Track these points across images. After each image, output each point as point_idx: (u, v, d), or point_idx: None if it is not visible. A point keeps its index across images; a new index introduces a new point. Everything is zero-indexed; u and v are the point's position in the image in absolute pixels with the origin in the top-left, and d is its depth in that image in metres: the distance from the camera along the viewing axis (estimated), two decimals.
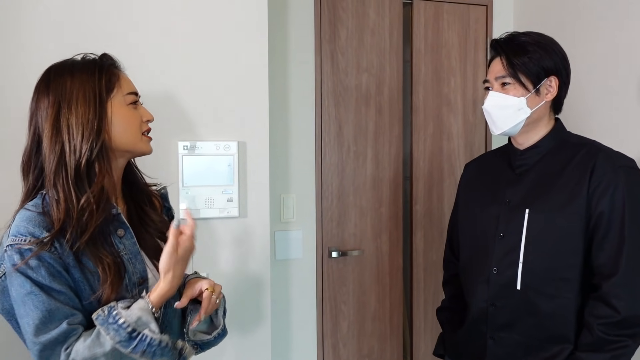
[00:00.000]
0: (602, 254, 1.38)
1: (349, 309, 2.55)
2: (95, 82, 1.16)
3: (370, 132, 2.54)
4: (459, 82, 2.67)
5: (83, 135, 1.12)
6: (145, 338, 1.08)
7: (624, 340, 1.35)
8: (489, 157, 1.75)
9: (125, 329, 1.07)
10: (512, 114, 1.47)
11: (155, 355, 1.10)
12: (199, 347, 1.32)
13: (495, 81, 1.50)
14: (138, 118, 1.24)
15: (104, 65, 1.20)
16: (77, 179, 1.12)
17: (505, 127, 1.49)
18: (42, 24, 1.71)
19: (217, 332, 1.33)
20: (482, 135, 2.73)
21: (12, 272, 1.07)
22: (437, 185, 2.67)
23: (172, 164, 1.85)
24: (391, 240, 2.60)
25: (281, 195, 2.41)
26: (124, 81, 1.23)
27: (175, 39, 1.85)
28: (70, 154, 1.11)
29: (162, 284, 1.15)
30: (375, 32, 2.53)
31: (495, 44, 1.52)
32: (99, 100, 1.15)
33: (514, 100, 1.46)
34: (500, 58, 1.49)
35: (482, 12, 2.70)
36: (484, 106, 1.52)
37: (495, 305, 1.51)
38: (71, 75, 1.15)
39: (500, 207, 1.53)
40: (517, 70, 1.45)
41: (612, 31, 2.09)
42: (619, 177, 1.38)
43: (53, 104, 1.13)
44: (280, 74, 2.38)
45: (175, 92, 1.86)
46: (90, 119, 1.13)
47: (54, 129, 1.12)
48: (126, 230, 1.20)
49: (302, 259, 2.46)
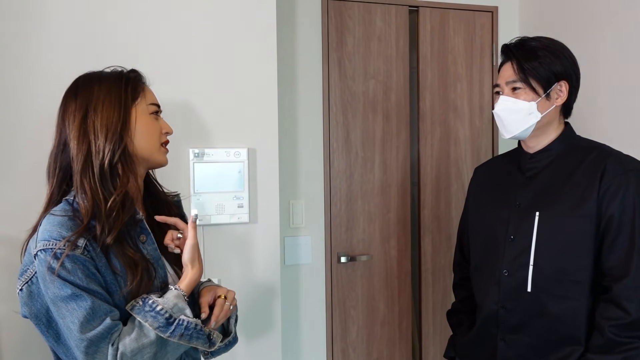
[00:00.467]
0: (613, 257, 1.39)
1: (358, 313, 2.56)
2: (121, 89, 1.22)
3: (378, 138, 2.57)
4: (465, 87, 2.70)
5: (107, 137, 1.18)
6: (182, 322, 1.15)
7: (635, 341, 1.35)
8: (498, 161, 1.77)
9: (163, 315, 1.13)
10: (523, 118, 1.49)
11: (192, 338, 1.16)
12: (209, 354, 1.35)
13: (506, 86, 1.52)
14: (158, 128, 1.29)
15: (130, 77, 1.27)
16: (103, 178, 1.17)
17: (515, 131, 1.51)
18: (58, 38, 1.75)
19: (228, 340, 1.35)
20: (489, 140, 2.74)
21: (47, 275, 1.09)
22: (445, 190, 2.68)
23: (184, 171, 1.88)
24: (399, 245, 2.62)
25: (290, 201, 2.43)
26: (148, 92, 1.30)
27: (188, 49, 1.88)
28: (95, 155, 1.17)
29: (191, 273, 1.23)
30: (381, 39, 2.56)
31: (506, 49, 1.54)
32: (124, 106, 1.21)
33: (525, 104, 1.48)
34: (511, 63, 1.50)
35: (488, 18, 2.73)
36: (495, 110, 1.54)
37: (505, 308, 1.52)
38: (99, 82, 1.22)
39: (511, 210, 1.55)
40: (527, 75, 1.47)
41: (618, 34, 2.11)
42: (629, 180, 1.40)
43: (80, 108, 1.19)
44: (289, 81, 2.41)
45: (186, 100, 1.89)
46: (114, 122, 1.19)
47: (81, 130, 1.17)
48: (148, 236, 1.24)
49: (311, 264, 2.48)
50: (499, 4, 2.74)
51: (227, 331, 1.37)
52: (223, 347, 1.34)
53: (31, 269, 1.15)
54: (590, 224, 1.41)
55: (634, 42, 2.04)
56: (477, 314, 1.65)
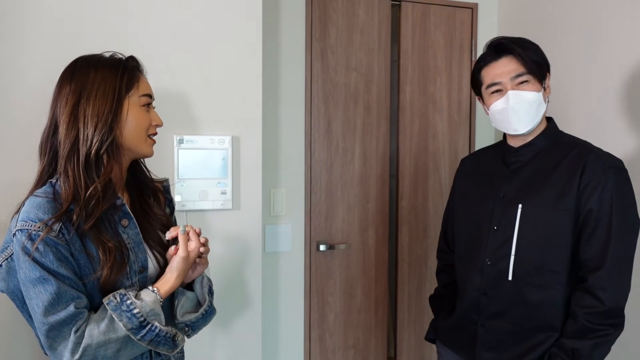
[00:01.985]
0: (589, 249, 1.45)
1: (336, 301, 2.62)
2: (117, 79, 1.22)
3: (359, 129, 2.61)
4: (445, 82, 2.76)
5: (96, 127, 1.18)
6: (154, 328, 1.18)
7: (606, 329, 1.42)
8: (484, 153, 1.81)
9: (138, 318, 1.16)
10: (536, 109, 1.52)
11: (160, 344, 1.20)
12: (189, 329, 1.34)
13: (511, 81, 1.52)
14: (148, 120, 1.29)
15: (127, 66, 1.27)
16: (87, 166, 1.18)
17: (532, 123, 1.53)
18: (43, 19, 1.75)
19: (204, 309, 1.35)
20: (466, 134, 2.81)
21: (21, 256, 1.11)
22: (422, 182, 2.75)
23: (168, 157, 1.90)
24: (377, 235, 2.68)
25: (271, 189, 2.46)
26: (142, 83, 1.30)
27: (173, 36, 1.90)
28: (82, 143, 1.18)
29: (173, 282, 1.26)
30: (364, 31, 2.60)
31: (501, 45, 1.54)
32: (117, 97, 1.22)
33: (536, 95, 1.51)
34: (514, 56, 1.52)
35: (468, 15, 2.79)
36: (509, 105, 1.52)
37: (487, 295, 1.58)
38: (95, 68, 1.22)
39: (495, 201, 1.60)
40: (533, 64, 1.51)
41: (594, 33, 2.18)
42: (607, 177, 1.45)
43: (74, 92, 1.19)
44: (272, 70, 2.43)
45: (171, 87, 1.90)
46: (105, 113, 1.19)
47: (72, 116, 1.18)
48: (130, 220, 1.26)
49: (290, 252, 2.52)
50: (479, 1, 2.80)
51: (200, 303, 1.38)
52: (200, 318, 1.34)
53: (11, 247, 1.17)
54: (570, 218, 1.47)
55: (607, 39, 2.12)
56: (458, 300, 1.71)
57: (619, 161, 1.51)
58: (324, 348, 2.61)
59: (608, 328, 1.43)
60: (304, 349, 2.57)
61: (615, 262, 1.43)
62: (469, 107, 2.80)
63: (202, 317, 1.34)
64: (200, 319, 1.34)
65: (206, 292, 1.37)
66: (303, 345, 2.57)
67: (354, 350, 2.67)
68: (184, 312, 1.33)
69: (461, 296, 1.69)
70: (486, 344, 1.59)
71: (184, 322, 1.32)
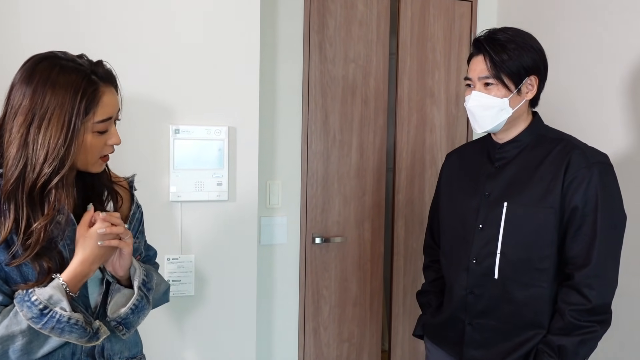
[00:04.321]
0: (575, 246, 1.45)
1: (331, 294, 2.61)
2: (74, 107, 1.12)
3: (356, 122, 2.60)
4: (443, 75, 2.74)
5: (46, 158, 1.10)
6: (55, 315, 1.11)
7: (592, 325, 1.43)
8: (469, 148, 1.79)
9: (37, 305, 1.10)
10: (495, 114, 1.51)
11: (64, 332, 1.12)
12: (123, 328, 1.26)
13: (478, 81, 1.53)
14: (101, 144, 1.20)
15: (90, 86, 1.15)
16: (31, 201, 1.12)
17: (488, 127, 1.54)
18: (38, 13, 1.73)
19: (133, 303, 1.25)
20: (463, 128, 2.80)
21: None
22: (419, 175, 2.74)
23: (163, 147, 1.88)
24: (373, 228, 2.67)
25: (267, 181, 2.45)
26: (102, 107, 1.17)
27: (170, 25, 1.88)
28: (30, 172, 1.11)
29: (73, 263, 1.15)
30: (362, 23, 2.58)
31: (478, 44, 1.54)
32: (72, 129, 1.12)
33: (497, 100, 1.50)
34: (484, 58, 1.51)
35: (467, 8, 2.77)
36: (468, 106, 1.56)
37: (473, 293, 1.58)
38: (53, 88, 1.11)
39: (481, 199, 1.59)
40: (500, 71, 1.49)
41: (595, 27, 2.17)
42: (592, 173, 1.45)
43: (27, 112, 1.11)
44: (270, 62, 2.41)
45: (168, 77, 1.88)
46: (58, 145, 1.11)
47: (22, 140, 1.11)
48: (67, 216, 1.19)
49: (286, 244, 2.51)
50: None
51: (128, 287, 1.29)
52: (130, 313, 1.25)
53: None
54: (555, 215, 1.47)
55: (609, 33, 2.11)
56: (445, 298, 1.70)
57: (604, 156, 1.50)
58: (318, 341, 2.60)
59: (594, 325, 1.43)
60: (299, 342, 2.56)
61: (602, 259, 1.43)
62: None
63: (131, 312, 1.24)
64: (129, 314, 1.25)
65: (136, 285, 1.26)
66: (297, 338, 2.56)
67: (349, 344, 2.66)
68: (115, 309, 1.25)
69: (448, 294, 1.68)
70: (474, 342, 1.59)
71: (114, 319, 1.24)
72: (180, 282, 1.94)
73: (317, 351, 2.60)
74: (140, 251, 1.43)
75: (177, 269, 1.93)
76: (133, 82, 1.83)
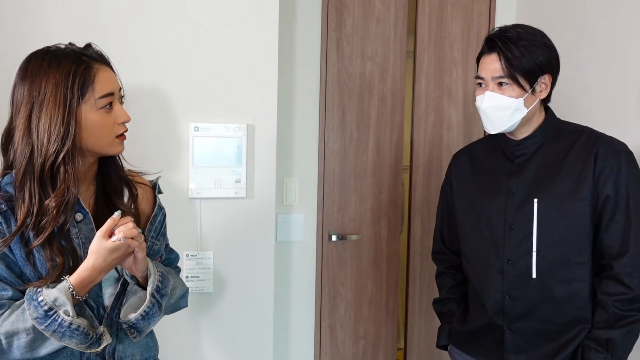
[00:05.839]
0: (610, 236, 1.45)
1: (347, 291, 2.61)
2: (67, 87, 1.15)
3: (373, 119, 2.60)
4: (461, 73, 2.73)
5: (49, 139, 1.14)
6: (57, 318, 1.11)
7: (636, 314, 1.42)
8: (478, 147, 1.75)
9: (42, 306, 1.11)
10: (510, 114, 1.49)
11: (64, 336, 1.12)
12: (134, 330, 1.27)
13: (492, 80, 1.50)
14: (110, 122, 1.22)
15: (80, 64, 1.18)
16: (42, 181, 1.15)
17: (502, 128, 1.52)
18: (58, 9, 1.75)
19: (144, 310, 1.24)
20: (480, 126, 2.78)
21: None
22: (436, 173, 2.73)
23: (183, 145, 1.90)
24: (389, 226, 2.67)
25: (284, 179, 2.46)
26: (99, 82, 1.20)
27: (189, 25, 1.89)
28: (37, 156, 1.15)
29: (83, 267, 1.15)
30: (380, 21, 2.58)
31: (491, 42, 1.51)
32: (69, 107, 1.15)
33: (512, 101, 1.48)
34: (498, 56, 1.48)
35: (486, 5, 2.75)
36: (481, 106, 1.53)
37: (511, 296, 1.54)
38: (47, 73, 1.16)
39: (507, 198, 1.55)
40: (515, 70, 1.46)
41: (616, 24, 2.15)
42: (620, 161, 1.45)
43: (27, 103, 1.15)
44: (287, 60, 2.42)
45: (187, 75, 1.90)
46: (57, 124, 1.14)
47: (26, 129, 1.15)
48: (85, 216, 1.23)
49: (302, 241, 2.52)
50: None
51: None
52: (140, 319, 1.25)
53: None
54: (588, 206, 1.46)
55: (635, 30, 2.08)
56: (472, 305, 1.66)
57: (625, 145, 1.51)
58: (334, 338, 2.61)
59: (637, 313, 1.42)
60: (315, 339, 2.57)
61: (638, 246, 1.43)
62: None
63: (141, 318, 1.25)
64: (140, 320, 1.25)
65: (149, 292, 1.25)
66: (314, 335, 2.57)
67: (364, 341, 2.66)
68: (129, 312, 1.25)
69: (477, 300, 1.64)
70: (515, 347, 1.55)
71: (126, 322, 1.25)
72: (198, 278, 1.95)
73: (333, 348, 2.61)
74: (161, 253, 1.44)
75: (196, 266, 1.95)
76: (154, 80, 1.85)
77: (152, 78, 1.86)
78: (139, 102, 1.80)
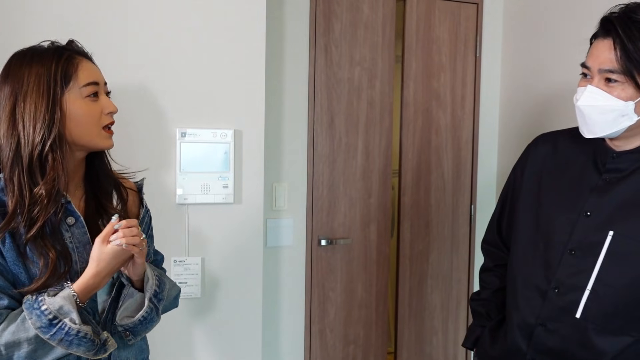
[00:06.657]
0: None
1: (337, 296, 2.62)
2: (50, 75, 1.15)
3: (361, 124, 2.61)
4: (449, 78, 2.75)
5: (35, 128, 1.13)
6: (64, 326, 1.10)
7: None
8: (567, 141, 1.42)
9: (46, 315, 1.09)
10: (613, 119, 1.19)
11: (72, 344, 1.11)
12: (130, 334, 1.27)
13: (599, 73, 1.20)
14: (97, 112, 1.20)
15: (62, 55, 1.17)
16: (31, 171, 1.14)
17: (601, 133, 1.23)
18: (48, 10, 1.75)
19: (142, 315, 1.24)
20: (469, 130, 2.80)
21: None
22: (425, 177, 2.74)
23: (170, 150, 1.90)
24: (379, 230, 2.67)
25: (273, 183, 2.46)
26: (82, 71, 1.19)
27: (176, 29, 1.89)
28: (24, 147, 1.13)
29: (86, 274, 1.15)
30: (368, 26, 2.59)
31: (609, 24, 1.19)
32: (52, 95, 1.14)
33: (619, 104, 1.17)
34: (613, 44, 1.16)
35: (473, 10, 2.77)
36: (578, 103, 1.24)
37: (545, 326, 1.31)
38: (29, 65, 1.15)
39: (578, 217, 1.29)
40: (634, 66, 1.15)
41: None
42: None
43: (10, 96, 1.14)
44: (275, 65, 2.43)
45: (174, 81, 1.90)
46: (42, 113, 1.13)
47: (11, 121, 1.14)
48: (77, 220, 1.21)
49: (292, 246, 2.52)
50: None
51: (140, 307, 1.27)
52: (138, 323, 1.24)
53: None
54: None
55: None
56: (507, 321, 1.44)
57: None
58: (324, 343, 2.61)
59: None
60: (305, 344, 2.57)
61: None
62: (473, 103, 2.79)
63: (139, 322, 1.24)
64: (137, 324, 1.25)
65: (147, 297, 1.25)
66: (303, 340, 2.57)
67: (354, 346, 2.67)
68: (125, 315, 1.25)
69: (512, 318, 1.41)
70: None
71: (122, 326, 1.24)
72: (186, 284, 1.95)
73: (323, 353, 2.61)
74: (150, 255, 1.45)
75: (184, 271, 1.95)
76: (140, 85, 1.85)
77: (138, 84, 1.86)
78: (125, 108, 1.78)
